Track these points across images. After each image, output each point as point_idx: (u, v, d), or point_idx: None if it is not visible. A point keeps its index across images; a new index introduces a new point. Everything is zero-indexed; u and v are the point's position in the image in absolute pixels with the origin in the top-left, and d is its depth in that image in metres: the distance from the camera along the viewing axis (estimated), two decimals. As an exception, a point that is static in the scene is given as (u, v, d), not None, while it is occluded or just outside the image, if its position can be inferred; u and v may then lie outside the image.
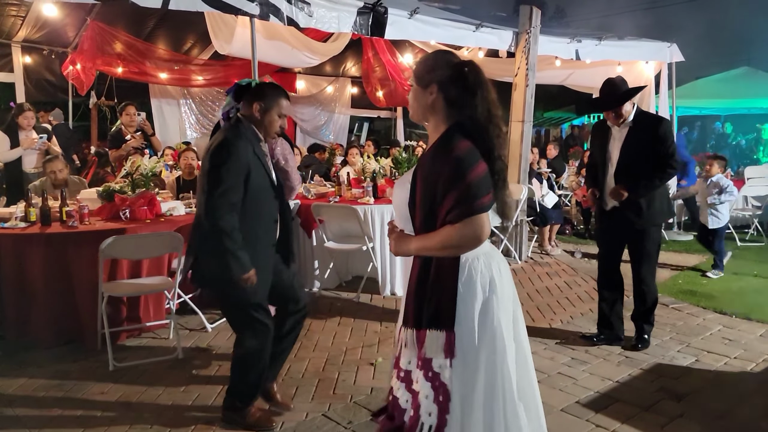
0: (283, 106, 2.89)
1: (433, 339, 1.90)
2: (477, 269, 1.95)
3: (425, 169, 1.93)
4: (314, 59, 7.76)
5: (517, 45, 6.66)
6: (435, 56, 2.05)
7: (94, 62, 7.61)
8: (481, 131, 1.93)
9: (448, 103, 1.98)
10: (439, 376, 1.90)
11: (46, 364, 3.85)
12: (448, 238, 1.88)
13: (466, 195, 1.85)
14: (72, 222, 4.13)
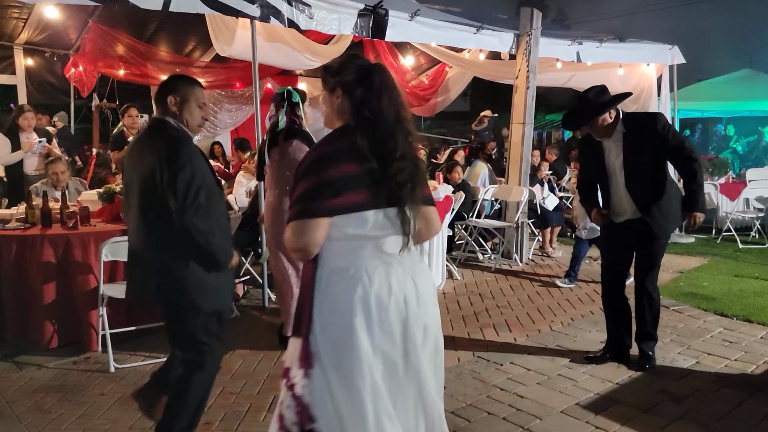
0: (200, 95, 2.67)
1: (292, 346, 1.89)
2: (341, 281, 1.83)
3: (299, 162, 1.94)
4: (315, 61, 7.76)
5: (518, 47, 6.67)
6: (341, 60, 1.98)
7: (95, 64, 7.63)
8: (380, 132, 1.84)
9: (353, 106, 1.88)
10: (294, 387, 1.84)
11: (46, 366, 3.86)
12: (286, 242, 1.83)
13: (299, 195, 1.79)
14: (72, 223, 4.13)
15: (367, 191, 1.81)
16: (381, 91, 1.88)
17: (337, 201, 1.78)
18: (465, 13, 6.77)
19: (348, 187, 1.79)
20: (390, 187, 1.83)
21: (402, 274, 1.91)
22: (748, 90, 11.45)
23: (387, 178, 1.82)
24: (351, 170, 1.80)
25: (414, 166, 1.90)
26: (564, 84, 8.80)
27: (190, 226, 2.44)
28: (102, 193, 4.67)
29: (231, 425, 3.12)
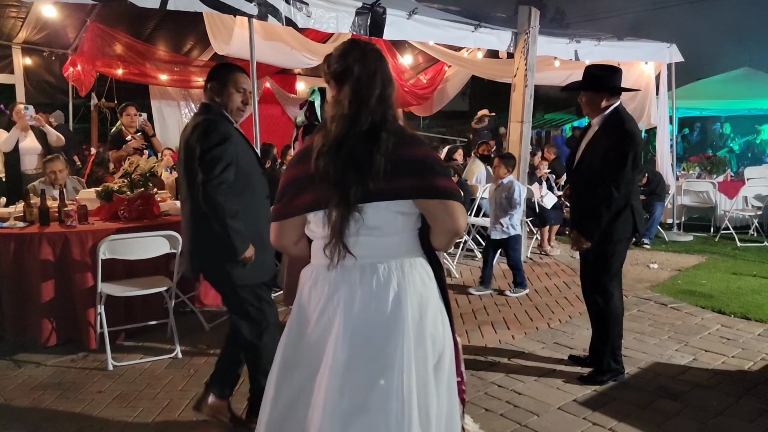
0: (239, 80, 2.83)
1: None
2: (300, 278, 1.91)
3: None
4: (313, 60, 7.76)
5: (516, 45, 6.67)
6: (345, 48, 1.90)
7: (94, 64, 7.63)
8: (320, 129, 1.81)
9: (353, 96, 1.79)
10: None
11: (44, 363, 3.86)
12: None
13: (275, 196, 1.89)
14: (70, 222, 4.14)
15: (315, 192, 1.76)
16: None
17: (277, 207, 1.87)
18: (463, 12, 6.78)
19: (298, 189, 1.81)
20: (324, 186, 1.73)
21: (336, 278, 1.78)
22: (747, 89, 11.45)
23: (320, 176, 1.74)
24: (304, 171, 1.78)
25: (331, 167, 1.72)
26: (562, 82, 8.78)
27: (209, 198, 2.63)
28: (100, 192, 4.67)
29: (230, 423, 3.12)
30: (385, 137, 1.72)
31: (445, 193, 1.75)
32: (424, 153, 1.78)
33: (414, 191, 1.74)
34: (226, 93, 2.80)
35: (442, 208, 1.76)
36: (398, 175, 1.72)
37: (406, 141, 1.77)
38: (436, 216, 1.78)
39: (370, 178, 1.70)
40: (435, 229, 1.81)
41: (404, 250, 1.82)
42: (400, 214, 1.77)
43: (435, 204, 1.76)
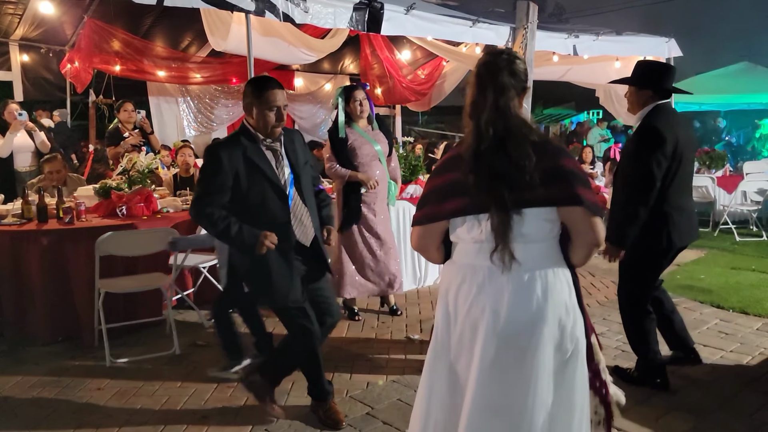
0: (271, 99, 2.77)
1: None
2: (450, 276, 1.97)
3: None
4: (311, 56, 7.75)
5: (515, 41, 6.65)
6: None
7: (91, 60, 7.61)
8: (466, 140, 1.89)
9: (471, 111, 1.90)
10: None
11: (42, 361, 3.86)
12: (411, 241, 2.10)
13: (417, 202, 2.00)
14: (69, 219, 4.13)
15: (468, 197, 1.83)
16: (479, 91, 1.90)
17: (422, 211, 1.93)
18: (461, 7, 6.76)
19: (437, 197, 1.90)
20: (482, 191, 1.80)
21: (495, 282, 1.84)
22: (746, 83, 11.44)
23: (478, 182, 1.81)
24: (454, 178, 1.86)
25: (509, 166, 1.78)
26: (561, 77, 8.78)
27: (192, 213, 2.82)
28: (98, 189, 4.66)
29: (228, 419, 3.13)
30: (523, 146, 1.79)
31: (591, 206, 1.83)
32: (573, 163, 1.87)
33: (564, 199, 1.82)
34: (257, 113, 2.82)
35: (587, 220, 1.84)
36: (549, 183, 1.79)
37: (554, 150, 1.84)
38: (578, 227, 1.86)
39: (523, 185, 1.78)
40: (577, 242, 1.89)
41: (548, 256, 1.90)
42: (547, 221, 1.85)
43: (581, 214, 1.83)
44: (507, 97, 1.84)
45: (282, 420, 3.10)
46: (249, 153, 2.79)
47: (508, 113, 1.83)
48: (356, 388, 3.46)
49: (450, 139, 12.56)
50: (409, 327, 4.49)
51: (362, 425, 3.03)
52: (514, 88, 1.87)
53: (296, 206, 2.91)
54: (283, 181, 2.87)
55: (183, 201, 4.94)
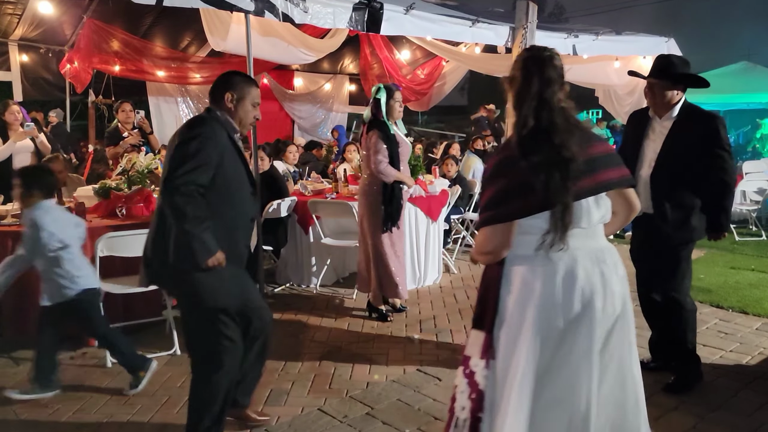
0: (256, 94, 2.74)
1: (474, 338, 1.99)
2: (521, 276, 1.93)
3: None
4: (311, 56, 7.75)
5: (514, 40, 6.64)
6: (518, 56, 2.06)
7: (90, 60, 7.61)
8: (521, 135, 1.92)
9: (516, 102, 1.98)
10: (474, 375, 1.95)
11: (42, 361, 3.86)
12: (476, 246, 2.03)
13: (488, 201, 1.94)
14: (68, 219, 4.12)
15: (541, 189, 1.87)
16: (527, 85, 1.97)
17: (521, 203, 1.88)
18: (460, 7, 6.76)
19: (528, 188, 1.87)
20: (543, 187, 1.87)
21: (588, 266, 1.94)
22: (746, 83, 11.43)
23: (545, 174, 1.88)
24: (527, 171, 1.87)
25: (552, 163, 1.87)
26: (560, 77, 8.78)
27: (166, 197, 2.35)
28: (98, 189, 4.66)
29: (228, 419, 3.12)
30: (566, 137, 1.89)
31: (631, 180, 2.09)
32: (609, 146, 2.07)
33: (618, 182, 2.02)
34: (242, 107, 2.67)
35: (629, 193, 2.09)
36: (598, 170, 1.93)
37: (593, 138, 2.00)
38: (626, 202, 2.08)
39: (577, 174, 1.87)
40: (621, 214, 2.09)
41: (602, 239, 2.05)
42: (602, 204, 1.99)
43: (630, 191, 2.08)
44: (552, 90, 1.94)
45: (282, 419, 3.10)
46: (232, 143, 2.64)
47: (552, 104, 1.93)
48: (356, 388, 3.46)
49: (450, 139, 12.55)
50: (409, 327, 4.49)
51: (362, 425, 3.03)
52: (557, 82, 1.97)
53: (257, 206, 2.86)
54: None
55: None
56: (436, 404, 3.24)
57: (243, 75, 2.80)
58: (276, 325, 4.51)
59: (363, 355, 3.96)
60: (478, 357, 1.93)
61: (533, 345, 1.88)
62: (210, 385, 2.59)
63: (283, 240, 5.49)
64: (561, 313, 1.90)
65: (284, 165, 6.86)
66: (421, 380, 3.55)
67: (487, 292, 1.99)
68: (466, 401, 1.93)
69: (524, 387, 1.86)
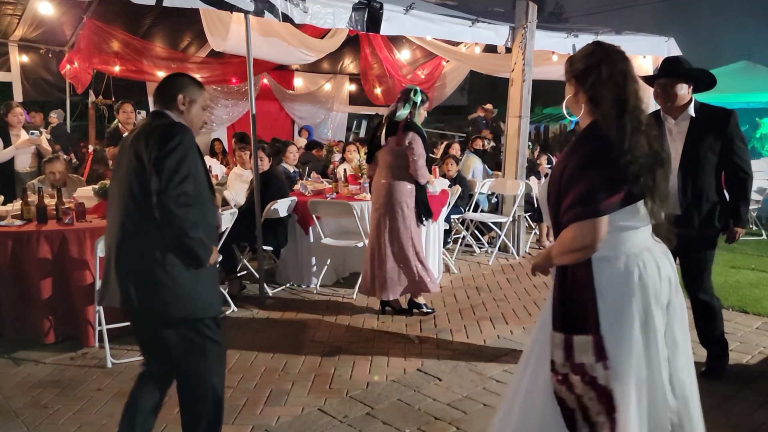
0: (206, 97, 2.71)
1: (581, 344, 1.91)
2: (616, 268, 1.92)
3: (559, 164, 1.99)
4: (310, 56, 7.76)
5: (514, 40, 6.66)
6: (589, 49, 2.04)
7: (90, 61, 7.62)
8: (614, 126, 1.89)
9: (588, 97, 1.98)
10: (596, 379, 1.89)
11: (43, 361, 3.87)
12: (569, 240, 1.88)
13: (588, 194, 1.83)
14: (68, 220, 4.13)
15: (634, 183, 1.87)
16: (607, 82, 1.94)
17: (615, 197, 1.84)
18: (460, 7, 6.77)
19: (623, 182, 1.85)
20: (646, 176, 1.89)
21: (661, 255, 2.01)
22: (746, 82, 11.43)
23: (642, 168, 1.88)
24: (621, 165, 1.85)
25: (650, 162, 1.91)
26: (560, 77, 8.71)
27: (168, 210, 2.29)
28: (97, 189, 4.66)
29: (227, 419, 3.12)
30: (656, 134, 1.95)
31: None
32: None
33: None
34: (194, 109, 2.57)
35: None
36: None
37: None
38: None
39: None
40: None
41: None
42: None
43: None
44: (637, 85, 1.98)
45: (283, 420, 3.10)
46: (197, 148, 2.50)
47: (640, 101, 1.96)
48: (356, 388, 3.46)
49: (450, 139, 12.54)
50: (409, 327, 4.49)
51: (362, 425, 3.03)
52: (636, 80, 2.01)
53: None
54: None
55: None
56: (436, 404, 3.24)
57: (189, 77, 2.69)
58: (276, 325, 4.55)
59: (363, 355, 3.96)
60: (594, 361, 1.89)
61: (644, 338, 1.91)
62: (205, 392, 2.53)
63: (283, 240, 5.49)
64: (660, 303, 1.95)
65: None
66: (422, 380, 3.55)
67: (580, 293, 1.93)
68: (599, 406, 1.90)
69: (640, 379, 1.90)
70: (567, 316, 1.94)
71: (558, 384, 1.97)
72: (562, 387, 1.96)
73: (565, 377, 1.94)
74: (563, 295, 1.96)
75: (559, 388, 1.97)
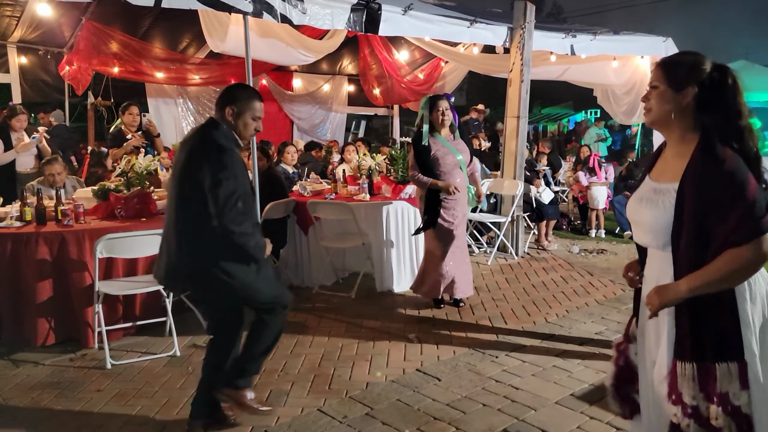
0: (257, 108, 2.86)
1: (724, 372, 1.81)
2: (756, 290, 1.84)
3: (694, 186, 1.80)
4: (309, 57, 7.76)
5: (512, 40, 6.66)
6: (693, 56, 1.97)
7: (90, 62, 7.61)
8: (741, 137, 1.84)
9: (699, 106, 1.90)
10: (740, 408, 1.80)
11: (42, 363, 3.87)
12: (734, 263, 1.75)
13: (750, 212, 1.73)
14: (67, 221, 4.14)
15: None
16: (735, 92, 1.97)
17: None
18: (459, 7, 6.77)
19: (765, 196, 1.78)
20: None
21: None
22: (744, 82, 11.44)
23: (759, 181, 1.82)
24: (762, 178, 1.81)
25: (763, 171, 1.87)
26: (558, 77, 8.80)
27: (227, 232, 2.69)
28: (97, 191, 4.66)
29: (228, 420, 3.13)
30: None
31: None
32: None
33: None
34: (242, 121, 2.82)
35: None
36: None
37: None
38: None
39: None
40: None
41: None
42: None
43: None
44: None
45: (282, 420, 3.10)
46: (239, 154, 2.83)
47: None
48: (356, 388, 3.47)
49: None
50: (408, 328, 4.49)
51: (361, 426, 3.04)
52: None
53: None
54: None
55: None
56: (435, 404, 3.25)
57: (244, 88, 2.95)
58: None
59: (362, 355, 3.96)
60: (740, 389, 1.79)
61: None
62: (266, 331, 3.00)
63: (282, 241, 5.49)
64: None
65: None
66: (421, 380, 3.56)
67: (720, 316, 1.82)
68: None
69: None
70: (704, 342, 1.82)
71: (684, 417, 1.84)
72: (690, 420, 1.84)
73: (695, 410, 1.83)
74: (698, 320, 1.83)
75: (685, 422, 1.84)
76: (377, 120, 15.97)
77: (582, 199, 8.35)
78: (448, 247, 4.74)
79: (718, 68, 1.93)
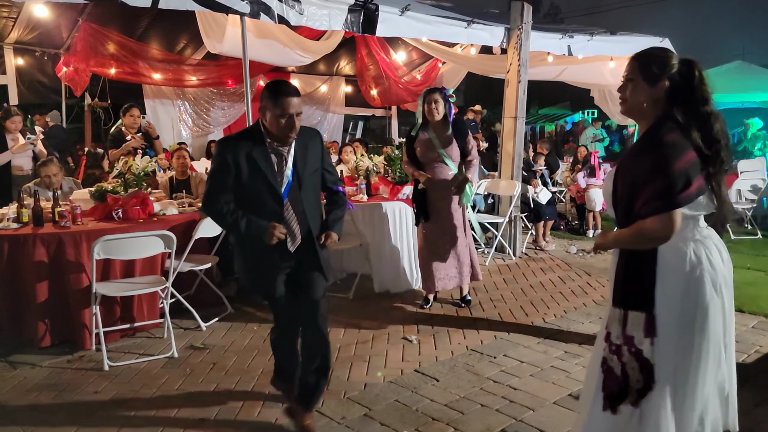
0: (284, 106, 2.73)
1: (634, 320, 2.09)
2: (679, 257, 2.04)
3: (627, 159, 2.07)
4: (306, 57, 7.76)
5: (509, 41, 6.67)
6: (664, 51, 2.12)
7: (87, 63, 7.60)
8: (706, 122, 2.01)
9: (670, 97, 2.05)
10: (642, 352, 2.07)
11: (39, 364, 3.86)
12: (637, 234, 2.00)
13: (667, 187, 1.93)
14: (64, 222, 4.13)
15: (703, 176, 1.99)
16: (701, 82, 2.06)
17: (691, 189, 1.95)
18: (456, 8, 6.78)
19: (695, 174, 1.96)
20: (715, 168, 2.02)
21: (711, 243, 2.10)
22: (740, 82, 11.47)
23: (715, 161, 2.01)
24: (693, 158, 1.96)
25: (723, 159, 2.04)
26: (555, 78, 8.81)
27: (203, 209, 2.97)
28: (94, 192, 4.66)
29: (226, 422, 3.13)
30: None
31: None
32: None
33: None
34: (268, 119, 2.80)
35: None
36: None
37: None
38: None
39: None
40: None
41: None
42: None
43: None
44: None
45: (281, 421, 3.10)
46: (254, 153, 2.80)
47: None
48: (354, 389, 3.46)
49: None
50: (407, 328, 4.49)
51: (360, 426, 3.03)
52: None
53: (286, 211, 2.90)
54: (282, 186, 2.86)
55: (179, 204, 4.93)
56: (433, 405, 3.25)
57: (268, 86, 2.85)
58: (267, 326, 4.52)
59: (360, 356, 3.96)
60: (643, 336, 2.06)
61: (713, 321, 2.05)
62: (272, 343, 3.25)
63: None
64: (728, 285, 2.10)
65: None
66: (419, 381, 3.56)
67: (642, 275, 2.07)
68: (640, 375, 2.08)
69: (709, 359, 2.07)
70: (627, 294, 2.11)
71: (609, 353, 2.15)
72: (613, 356, 2.14)
73: (617, 348, 2.12)
74: (626, 275, 2.11)
75: (610, 357, 2.15)
76: (374, 121, 15.96)
77: (579, 199, 8.36)
78: (435, 240, 4.82)
79: (685, 62, 2.09)
